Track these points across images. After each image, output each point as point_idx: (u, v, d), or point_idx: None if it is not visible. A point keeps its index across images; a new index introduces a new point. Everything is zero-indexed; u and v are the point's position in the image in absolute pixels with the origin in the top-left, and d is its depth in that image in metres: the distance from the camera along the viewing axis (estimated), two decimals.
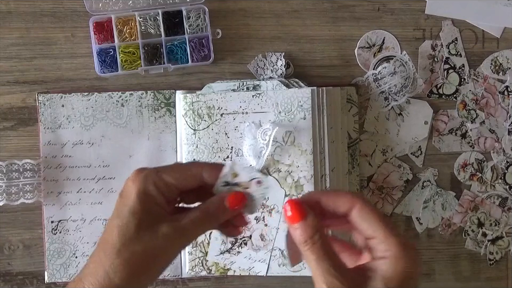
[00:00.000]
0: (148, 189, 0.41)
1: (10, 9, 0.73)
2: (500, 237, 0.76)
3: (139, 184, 0.41)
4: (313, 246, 0.39)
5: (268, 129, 0.68)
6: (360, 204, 0.39)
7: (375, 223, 0.39)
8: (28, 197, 0.71)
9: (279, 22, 0.74)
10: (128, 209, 0.40)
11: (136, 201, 0.40)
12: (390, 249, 0.38)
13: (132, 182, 0.41)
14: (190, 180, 0.43)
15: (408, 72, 0.74)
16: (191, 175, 0.43)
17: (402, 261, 0.38)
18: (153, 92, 0.73)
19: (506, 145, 0.75)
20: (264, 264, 0.70)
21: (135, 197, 0.40)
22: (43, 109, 0.72)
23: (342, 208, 0.40)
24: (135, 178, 0.41)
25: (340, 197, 0.41)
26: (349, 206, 0.40)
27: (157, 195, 0.41)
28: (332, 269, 0.38)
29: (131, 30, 0.72)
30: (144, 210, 0.40)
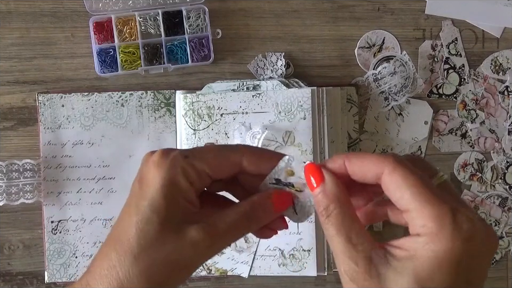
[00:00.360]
0: (175, 178, 0.33)
1: (10, 9, 0.73)
2: (499, 237, 0.76)
3: (165, 172, 0.33)
4: (327, 218, 0.32)
5: (257, 132, 0.68)
6: (391, 168, 0.31)
7: (408, 190, 0.30)
8: (27, 197, 0.71)
9: (279, 22, 0.74)
10: (150, 203, 0.33)
11: (161, 194, 0.33)
12: (426, 224, 0.29)
13: (155, 167, 0.33)
14: (227, 168, 0.35)
15: (408, 72, 0.74)
16: (229, 163, 0.35)
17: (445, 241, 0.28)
18: (153, 92, 0.73)
19: (506, 145, 0.75)
20: (246, 266, 0.70)
21: (159, 188, 0.33)
22: (43, 109, 0.72)
23: (370, 175, 0.32)
24: (160, 162, 0.33)
25: (365, 160, 0.32)
26: (377, 172, 0.31)
27: (186, 187, 0.33)
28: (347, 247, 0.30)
29: (131, 30, 0.72)
30: (170, 206, 0.33)
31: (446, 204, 0.29)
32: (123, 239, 0.33)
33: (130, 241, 0.32)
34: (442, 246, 0.28)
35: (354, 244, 0.31)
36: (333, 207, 0.32)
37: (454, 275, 0.28)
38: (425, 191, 0.30)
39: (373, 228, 0.75)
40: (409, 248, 0.29)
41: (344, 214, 0.32)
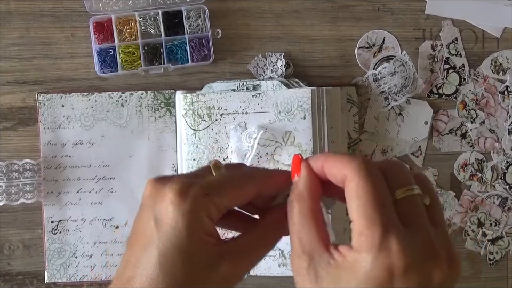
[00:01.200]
0: (199, 219, 0.31)
1: (10, 9, 0.73)
2: (499, 237, 0.76)
3: (188, 213, 0.31)
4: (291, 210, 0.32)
5: (253, 132, 0.68)
6: (351, 175, 0.30)
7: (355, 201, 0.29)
8: (28, 197, 0.71)
9: (279, 22, 0.74)
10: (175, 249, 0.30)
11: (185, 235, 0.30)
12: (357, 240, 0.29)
13: (176, 207, 0.31)
14: (244, 198, 0.34)
15: (408, 72, 0.74)
16: (247, 194, 0.34)
17: (363, 260, 0.28)
18: (153, 92, 0.73)
19: (506, 145, 0.75)
20: None
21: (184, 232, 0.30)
22: (43, 109, 0.72)
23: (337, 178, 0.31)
24: (180, 203, 0.31)
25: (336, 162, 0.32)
26: (341, 177, 0.31)
27: (209, 224, 0.32)
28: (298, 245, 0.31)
29: (131, 30, 0.72)
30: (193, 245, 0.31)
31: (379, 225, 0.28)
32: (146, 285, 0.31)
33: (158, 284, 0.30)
34: (361, 268, 0.28)
35: (302, 243, 0.31)
36: (294, 203, 0.32)
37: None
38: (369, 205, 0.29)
39: None
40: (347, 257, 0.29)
41: (300, 212, 0.32)
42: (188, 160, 0.70)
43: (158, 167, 0.73)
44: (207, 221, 0.31)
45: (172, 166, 0.72)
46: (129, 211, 0.73)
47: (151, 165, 0.73)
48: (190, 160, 0.70)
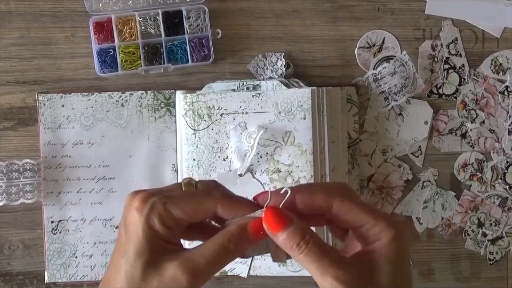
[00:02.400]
0: (153, 223, 0.36)
1: (10, 9, 0.73)
2: (499, 237, 0.76)
3: (144, 218, 0.36)
4: (307, 248, 0.36)
5: (253, 132, 0.68)
6: (339, 200, 0.37)
7: (360, 212, 0.37)
8: (28, 197, 0.71)
9: (279, 22, 0.74)
10: (135, 248, 0.36)
11: (142, 239, 0.36)
12: (384, 230, 0.37)
13: (137, 212, 0.36)
14: (201, 214, 0.38)
15: (408, 72, 0.74)
16: (204, 210, 0.37)
17: (398, 238, 0.37)
18: (153, 92, 0.73)
19: (506, 145, 0.75)
20: (245, 266, 0.70)
21: (141, 233, 0.36)
22: (43, 109, 0.72)
23: (319, 208, 0.37)
24: (141, 208, 0.36)
25: (315, 196, 0.37)
26: (327, 204, 0.37)
27: (162, 230, 0.36)
28: (333, 262, 0.35)
29: (131, 30, 0.72)
30: (150, 248, 0.36)
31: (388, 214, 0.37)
32: (115, 281, 0.36)
33: (121, 284, 0.36)
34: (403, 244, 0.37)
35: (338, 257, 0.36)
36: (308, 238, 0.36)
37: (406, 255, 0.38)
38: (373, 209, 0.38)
39: None
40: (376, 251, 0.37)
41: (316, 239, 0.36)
42: (187, 160, 0.70)
43: (158, 167, 0.73)
44: (161, 227, 0.36)
45: (171, 166, 0.72)
46: None
47: (151, 165, 0.73)
48: (190, 160, 0.70)
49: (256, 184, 0.69)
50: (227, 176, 0.69)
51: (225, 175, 0.69)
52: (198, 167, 0.70)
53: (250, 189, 0.69)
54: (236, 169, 0.69)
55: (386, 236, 0.37)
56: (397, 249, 0.37)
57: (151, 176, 0.73)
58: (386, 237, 0.37)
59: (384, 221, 0.37)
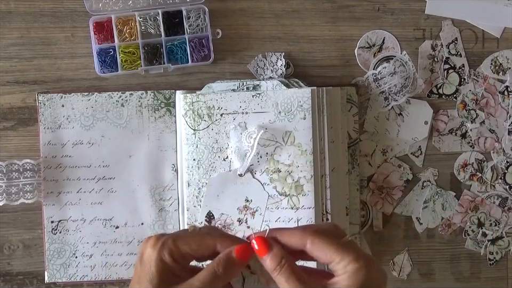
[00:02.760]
0: (164, 257, 0.43)
1: (10, 9, 0.73)
2: (499, 237, 0.76)
3: (157, 252, 0.44)
4: (281, 269, 0.43)
5: (253, 132, 0.68)
6: (310, 239, 0.44)
7: (328, 250, 0.43)
8: (27, 197, 0.71)
9: (279, 22, 0.74)
10: (148, 278, 0.43)
11: (154, 271, 0.43)
12: (348, 265, 0.42)
13: (152, 248, 0.44)
14: (204, 250, 0.45)
15: (408, 72, 0.74)
16: (206, 246, 0.45)
17: (362, 272, 0.42)
18: (153, 92, 0.73)
19: (506, 145, 0.75)
20: None
21: (154, 266, 0.43)
22: (43, 109, 0.72)
23: (296, 246, 0.44)
24: (154, 245, 0.44)
25: (292, 236, 0.45)
26: (301, 243, 0.44)
27: (172, 264, 0.44)
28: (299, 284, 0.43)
29: (131, 30, 0.72)
30: (161, 278, 0.43)
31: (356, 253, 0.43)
32: None
33: None
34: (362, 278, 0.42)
35: (303, 281, 0.43)
36: (283, 262, 0.43)
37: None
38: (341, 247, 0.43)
39: (373, 228, 0.75)
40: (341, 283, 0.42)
41: (290, 264, 0.44)
42: (187, 160, 0.70)
43: (158, 167, 0.73)
44: (170, 260, 0.43)
45: (172, 166, 0.72)
46: (129, 211, 0.73)
47: (151, 165, 0.73)
48: (190, 160, 0.70)
49: (256, 184, 0.69)
50: (227, 176, 0.69)
51: (225, 175, 0.69)
52: (198, 167, 0.70)
53: (250, 189, 0.69)
54: (236, 169, 0.69)
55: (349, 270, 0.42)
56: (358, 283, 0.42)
57: (151, 176, 0.73)
58: (349, 271, 0.42)
59: (350, 257, 0.42)
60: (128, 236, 0.73)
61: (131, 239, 0.73)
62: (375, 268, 0.43)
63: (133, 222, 0.73)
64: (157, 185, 0.73)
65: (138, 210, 0.73)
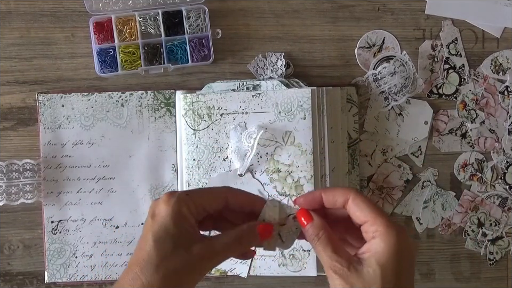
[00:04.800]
0: (181, 210, 0.43)
1: (10, 9, 0.73)
2: (499, 237, 0.76)
3: (173, 207, 0.43)
4: (319, 240, 0.45)
5: (253, 132, 0.68)
6: (353, 194, 0.45)
7: (366, 208, 0.44)
8: (28, 197, 0.71)
9: (279, 22, 0.74)
10: (163, 228, 0.43)
11: (171, 222, 0.43)
12: (378, 229, 0.43)
13: (164, 204, 0.44)
14: (217, 201, 0.46)
15: (408, 72, 0.74)
16: (218, 197, 0.46)
17: (390, 237, 0.43)
18: (153, 92, 0.73)
19: (506, 145, 0.75)
20: (245, 266, 0.70)
21: (170, 218, 0.43)
22: (43, 109, 0.72)
23: (340, 201, 0.46)
24: (168, 200, 0.44)
25: (336, 191, 0.46)
26: (345, 198, 0.45)
27: (189, 216, 0.44)
28: (333, 255, 0.44)
29: (131, 30, 0.72)
30: (179, 231, 0.43)
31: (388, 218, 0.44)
32: (144, 256, 0.42)
33: (150, 256, 0.42)
34: (392, 241, 0.43)
35: (337, 253, 0.44)
36: (321, 233, 0.45)
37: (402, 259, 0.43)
38: (377, 208, 0.45)
39: None
40: (370, 249, 0.43)
41: (329, 236, 0.45)
42: (187, 160, 0.70)
43: (158, 167, 0.73)
44: (187, 213, 0.44)
45: (172, 166, 0.72)
46: (129, 211, 0.73)
47: (151, 165, 0.73)
48: (190, 160, 0.70)
49: (256, 184, 0.69)
50: (227, 176, 0.69)
51: (225, 175, 0.69)
52: (198, 167, 0.70)
53: (250, 188, 0.69)
54: (236, 169, 0.69)
55: (379, 234, 0.43)
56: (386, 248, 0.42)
57: (151, 176, 0.73)
58: (379, 235, 0.43)
59: (381, 220, 0.43)
60: (128, 236, 0.73)
61: (131, 239, 0.73)
62: (407, 236, 0.44)
63: (133, 222, 0.73)
64: (157, 185, 0.73)
65: (138, 210, 0.73)
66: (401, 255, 0.43)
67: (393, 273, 0.42)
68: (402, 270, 0.43)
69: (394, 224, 0.44)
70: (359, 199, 0.45)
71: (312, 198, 0.47)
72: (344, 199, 0.46)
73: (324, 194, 0.47)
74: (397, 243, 0.43)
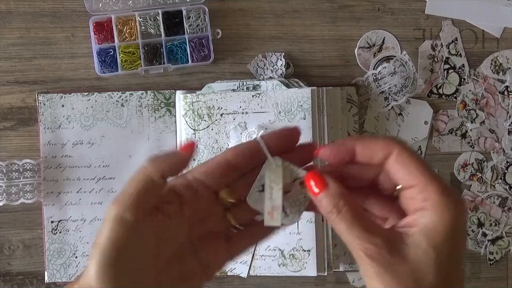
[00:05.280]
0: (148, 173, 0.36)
1: (10, 9, 0.73)
2: (499, 237, 0.76)
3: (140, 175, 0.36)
4: (339, 214, 0.33)
5: (253, 132, 0.68)
6: (399, 149, 0.34)
7: (414, 168, 0.33)
8: (28, 197, 0.71)
9: (279, 22, 0.74)
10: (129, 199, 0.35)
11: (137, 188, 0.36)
12: (430, 198, 0.32)
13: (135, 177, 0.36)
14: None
15: (408, 72, 0.74)
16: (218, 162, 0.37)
17: (447, 210, 0.32)
18: (153, 92, 0.73)
19: (506, 145, 0.75)
20: (245, 266, 0.70)
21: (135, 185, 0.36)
22: (43, 109, 0.72)
23: (379, 155, 0.34)
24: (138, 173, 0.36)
25: (376, 142, 0.35)
26: (386, 152, 0.34)
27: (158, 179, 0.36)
28: (365, 234, 0.32)
29: (131, 30, 0.72)
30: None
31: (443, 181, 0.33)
32: None
33: None
34: (449, 216, 0.32)
35: (370, 231, 0.32)
36: (342, 204, 0.33)
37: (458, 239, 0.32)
38: (429, 169, 0.33)
39: None
40: (417, 223, 0.32)
41: (354, 207, 0.33)
42: None
43: None
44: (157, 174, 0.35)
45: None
46: None
47: None
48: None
49: None
50: None
51: None
52: None
53: None
54: None
55: (430, 205, 0.32)
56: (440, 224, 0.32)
57: None
58: (430, 206, 0.32)
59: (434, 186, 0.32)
60: None
61: None
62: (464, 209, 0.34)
63: None
64: None
65: None
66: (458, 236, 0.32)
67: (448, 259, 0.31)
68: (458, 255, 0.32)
69: (452, 192, 0.32)
70: (405, 155, 0.33)
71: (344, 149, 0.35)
72: (385, 154, 0.34)
73: (359, 145, 0.35)
74: (455, 218, 0.31)
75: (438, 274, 0.31)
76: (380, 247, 0.31)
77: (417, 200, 0.33)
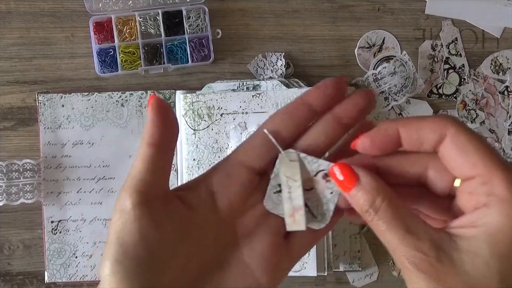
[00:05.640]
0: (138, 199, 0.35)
1: (10, 9, 0.73)
2: None
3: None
4: (377, 212, 0.27)
5: (253, 132, 0.68)
6: (455, 129, 0.27)
7: (475, 154, 0.26)
8: (28, 197, 0.71)
9: (279, 22, 0.74)
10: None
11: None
12: (495, 192, 0.25)
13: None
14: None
15: (408, 72, 0.74)
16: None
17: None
18: (153, 92, 0.73)
19: (506, 145, 0.75)
20: None
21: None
22: (43, 109, 0.72)
23: (430, 139, 0.28)
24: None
25: (425, 123, 0.28)
26: (439, 135, 0.27)
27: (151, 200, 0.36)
28: (408, 236, 0.26)
29: (131, 30, 0.72)
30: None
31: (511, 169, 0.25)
32: None
33: None
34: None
35: (415, 233, 0.26)
36: (380, 201, 0.27)
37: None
38: (495, 155, 0.26)
39: None
40: (478, 224, 0.26)
41: (394, 205, 0.28)
42: (187, 160, 0.70)
43: None
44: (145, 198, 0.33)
45: (172, 166, 0.72)
46: None
47: None
48: (190, 160, 0.70)
49: None
50: None
51: None
52: (198, 167, 0.70)
53: None
54: None
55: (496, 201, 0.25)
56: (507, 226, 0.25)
57: None
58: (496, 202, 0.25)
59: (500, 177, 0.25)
60: None
61: None
62: None
63: None
64: None
65: None
66: None
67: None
68: None
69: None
70: (463, 137, 0.26)
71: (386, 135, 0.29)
72: (437, 137, 0.27)
73: (403, 129, 0.28)
74: None
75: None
76: (428, 254, 0.26)
77: (479, 195, 0.26)
